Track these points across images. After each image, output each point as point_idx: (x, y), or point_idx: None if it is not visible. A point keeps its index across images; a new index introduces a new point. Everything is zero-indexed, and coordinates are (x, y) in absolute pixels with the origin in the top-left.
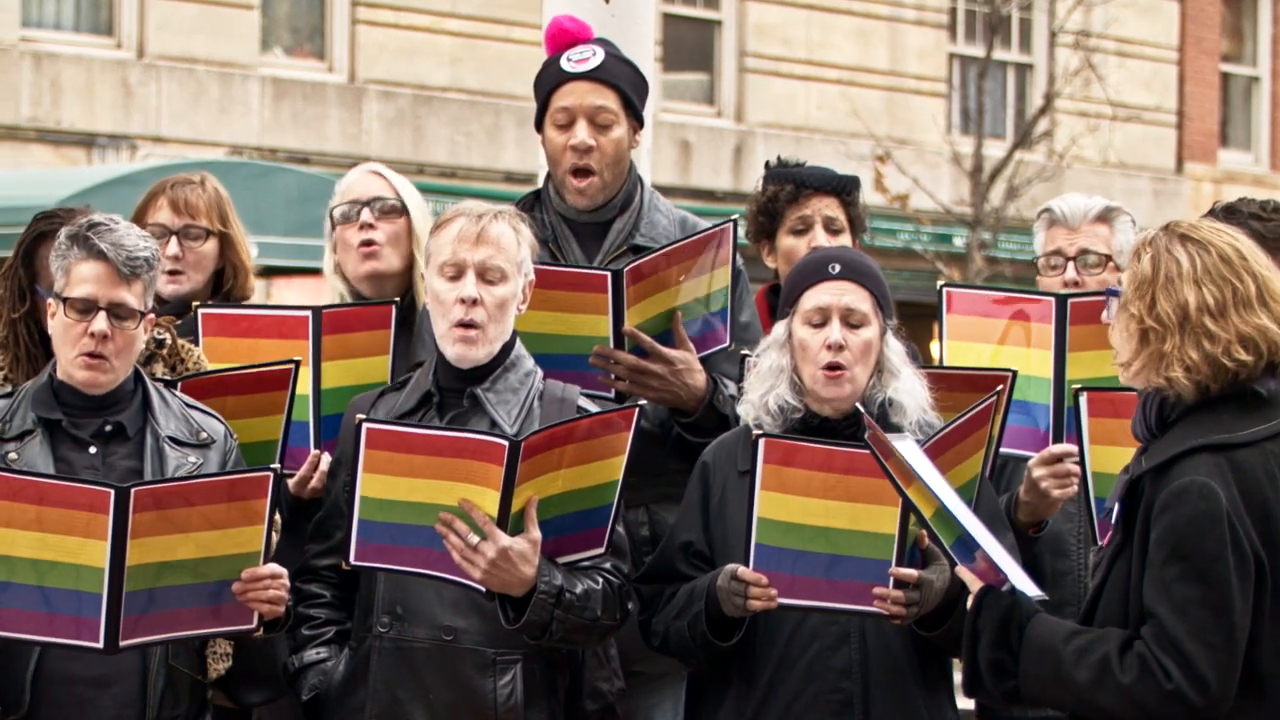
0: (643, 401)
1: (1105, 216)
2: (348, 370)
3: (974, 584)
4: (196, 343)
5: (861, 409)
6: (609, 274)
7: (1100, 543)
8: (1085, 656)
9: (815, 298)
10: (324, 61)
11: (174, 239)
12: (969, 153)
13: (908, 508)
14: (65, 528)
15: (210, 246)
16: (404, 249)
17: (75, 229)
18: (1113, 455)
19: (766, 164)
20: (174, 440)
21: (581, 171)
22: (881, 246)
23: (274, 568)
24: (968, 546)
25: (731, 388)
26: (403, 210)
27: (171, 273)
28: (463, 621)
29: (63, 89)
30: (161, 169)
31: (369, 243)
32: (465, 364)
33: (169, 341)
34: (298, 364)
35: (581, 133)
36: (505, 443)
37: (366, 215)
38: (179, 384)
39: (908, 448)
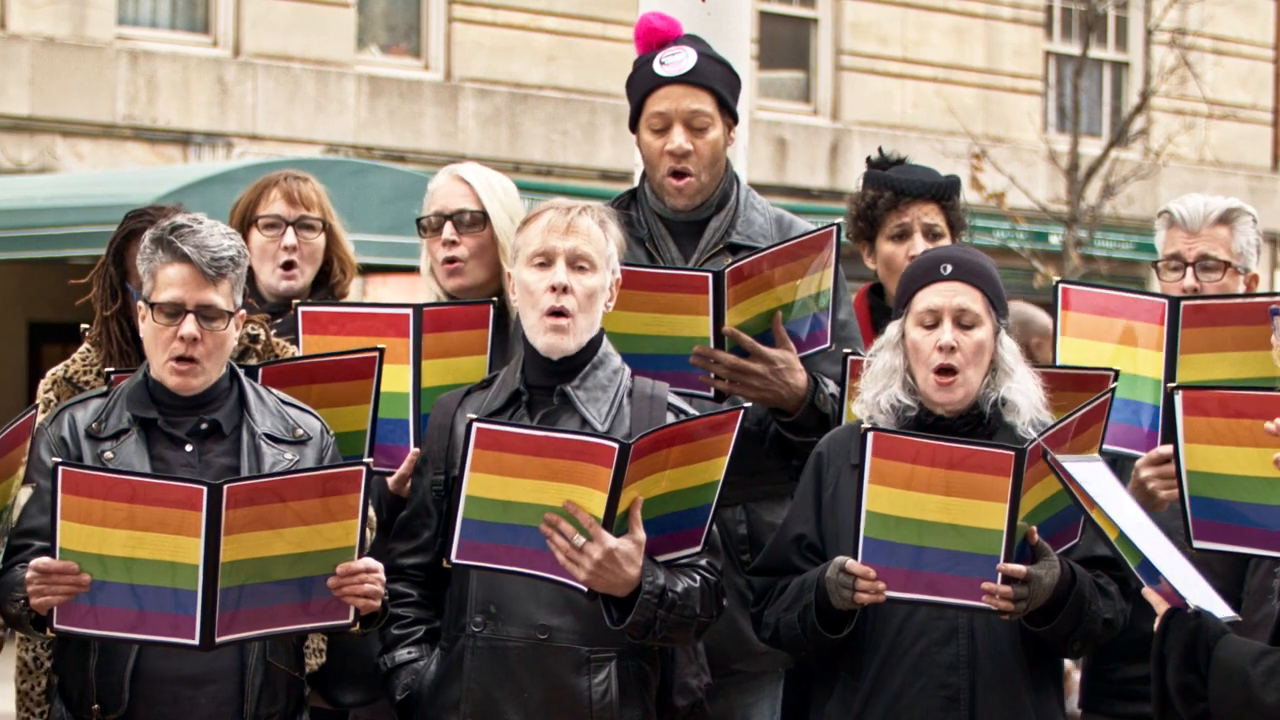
0: (747, 403)
1: (1226, 219)
2: (447, 369)
3: (1160, 605)
4: (297, 340)
5: (1037, 436)
6: (709, 275)
7: (1194, 542)
8: (1274, 677)
9: (927, 299)
10: (420, 59)
11: (290, 230)
12: (1065, 151)
13: (1088, 524)
14: (159, 525)
15: (322, 240)
16: (488, 259)
17: (159, 233)
18: (1208, 454)
19: (868, 159)
20: (270, 437)
21: (679, 173)
22: (978, 245)
23: (369, 562)
24: (1154, 568)
25: (832, 386)
26: (485, 219)
27: (286, 265)
28: (557, 620)
29: (159, 87)
30: (257, 167)
31: (452, 259)
32: (555, 354)
33: (263, 337)
34: (382, 351)
35: (678, 137)
36: (616, 445)
37: (449, 231)
38: (261, 370)
39: (1085, 471)
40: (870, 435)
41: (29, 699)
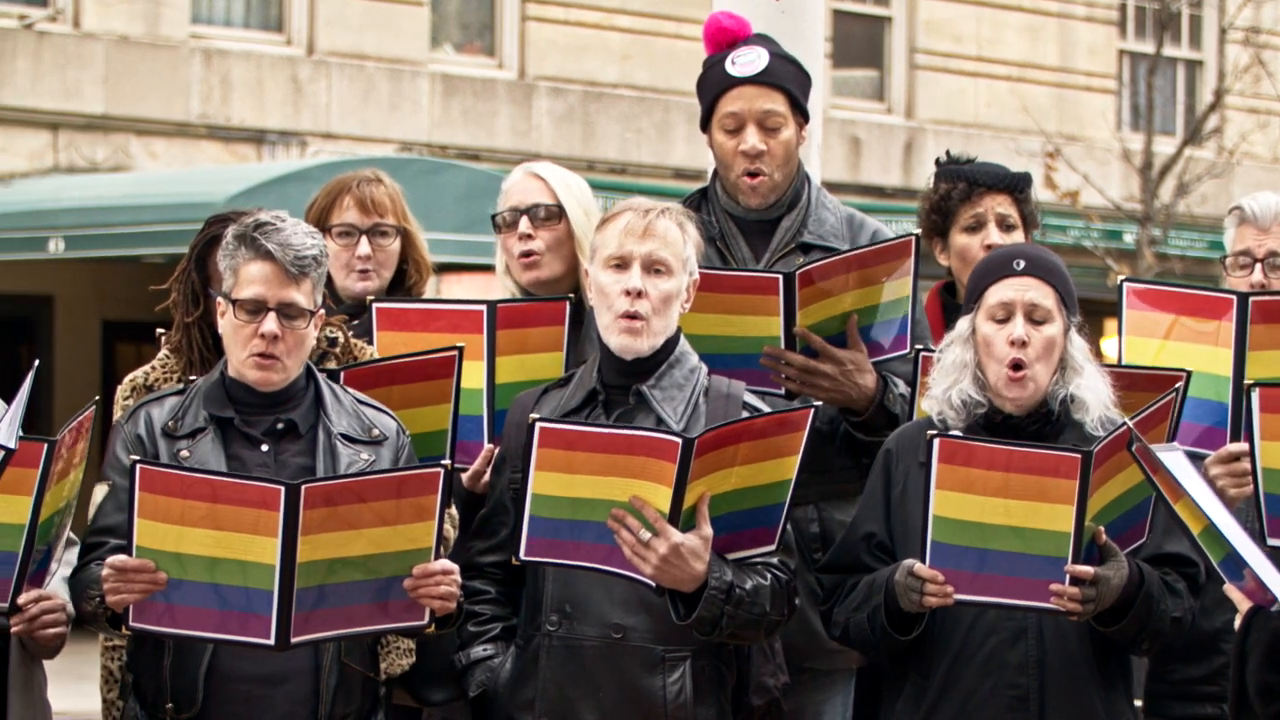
0: (818, 402)
1: None
2: (522, 365)
3: (1242, 604)
4: (371, 338)
5: (1130, 425)
6: (780, 277)
7: (1269, 539)
8: None
9: (999, 293)
10: (494, 58)
11: (364, 239)
12: (1138, 149)
13: (1175, 520)
14: (236, 525)
15: (397, 245)
16: (565, 252)
17: (242, 229)
18: None
19: (937, 161)
20: (346, 437)
21: (753, 172)
22: (1051, 243)
23: (445, 564)
24: (1237, 564)
25: (902, 386)
26: (561, 213)
27: (362, 271)
28: (632, 619)
29: (233, 86)
30: (331, 166)
31: (529, 253)
32: (629, 355)
33: (342, 340)
34: (461, 350)
35: (752, 138)
36: (679, 440)
37: (525, 225)
38: (342, 374)
39: (1175, 461)
40: (936, 441)
41: (115, 708)
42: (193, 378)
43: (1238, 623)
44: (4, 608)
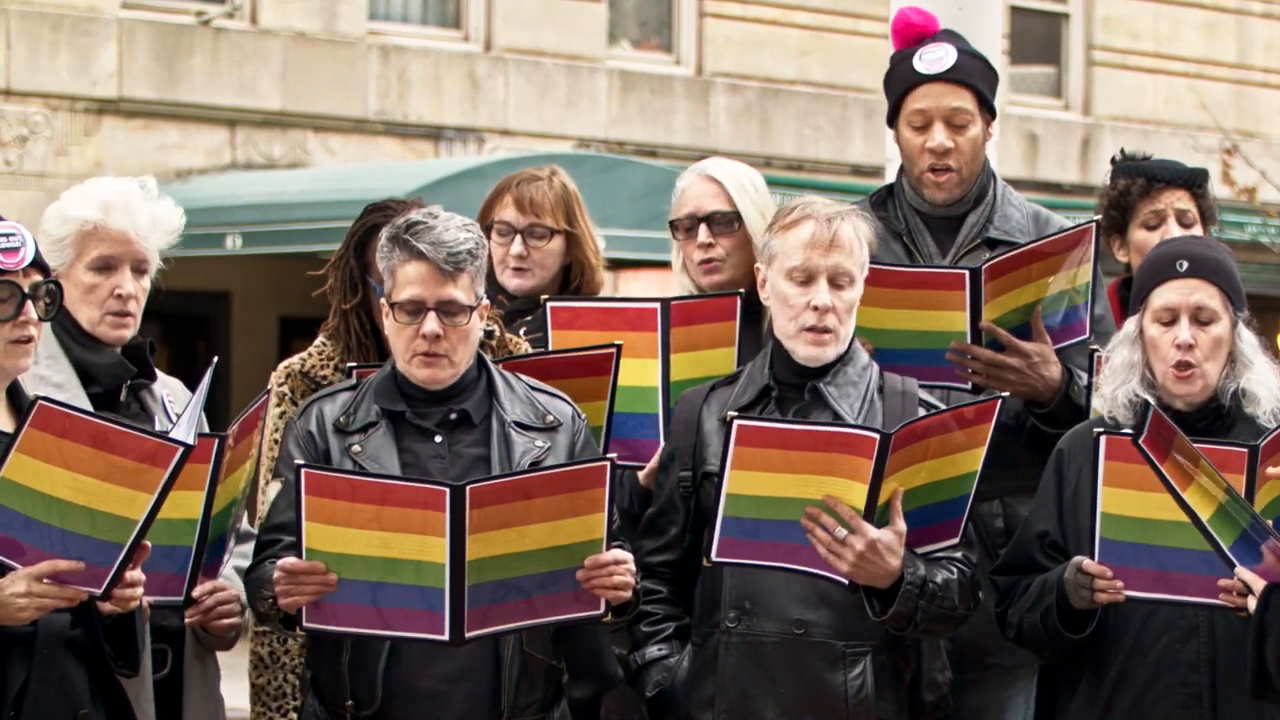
0: (1004, 394)
1: None
2: (695, 362)
3: (1257, 584)
4: (546, 336)
5: (1153, 402)
6: (967, 272)
7: None
8: None
9: (1164, 296)
10: (671, 54)
11: (519, 238)
12: None
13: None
14: (403, 526)
15: (556, 245)
16: (744, 256)
17: (394, 230)
18: None
19: (1113, 159)
20: (520, 425)
21: (940, 169)
22: (1228, 240)
23: (618, 554)
24: (1251, 544)
25: (1085, 379)
26: (738, 218)
27: (517, 269)
28: (812, 614)
29: (410, 82)
30: (509, 162)
31: (709, 260)
32: (816, 364)
33: (497, 333)
34: (619, 347)
35: (939, 135)
36: (876, 436)
37: (704, 234)
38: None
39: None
40: (1103, 439)
41: (264, 693)
42: (350, 364)
43: (1252, 604)
44: (179, 601)
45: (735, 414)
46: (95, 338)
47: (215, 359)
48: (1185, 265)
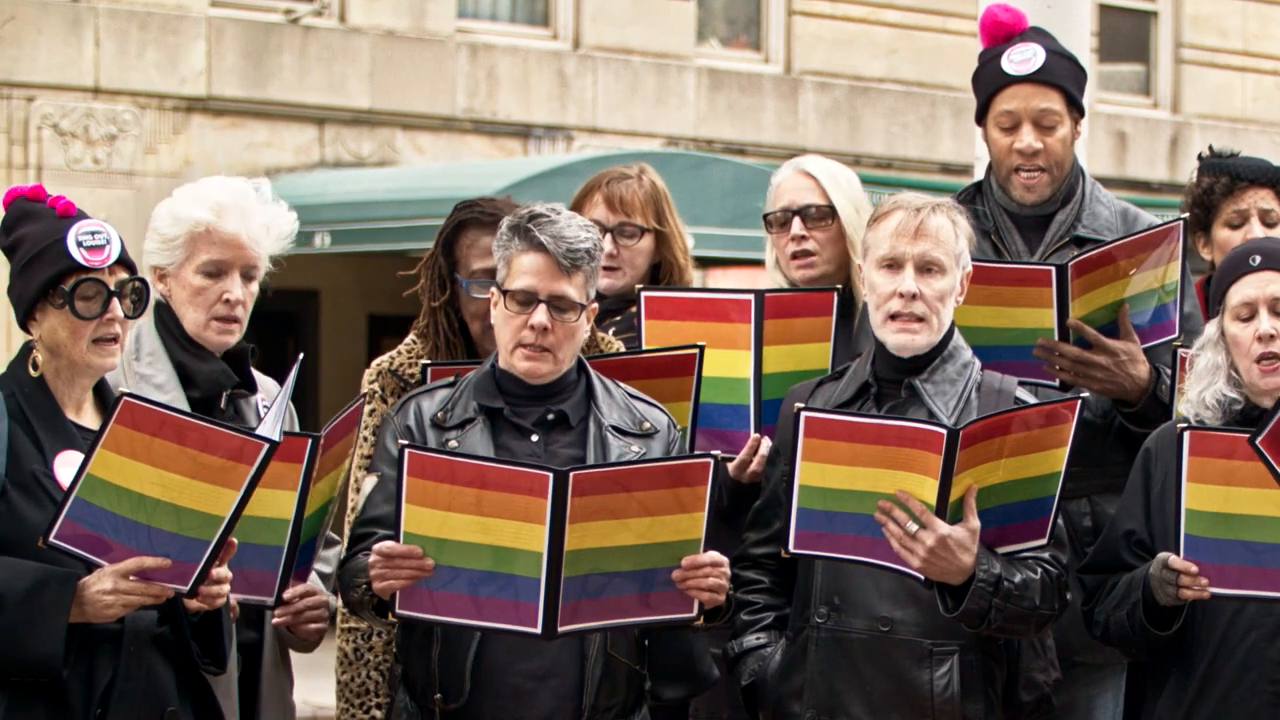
0: (1085, 393)
1: None
2: (789, 355)
3: None
4: (640, 328)
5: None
6: (1053, 269)
7: None
8: None
9: (1240, 292)
10: (760, 52)
11: (609, 236)
12: None
13: None
14: (504, 511)
15: (645, 243)
16: (838, 250)
17: (517, 220)
18: None
19: (1200, 156)
20: (617, 430)
21: (1028, 170)
22: None
23: (715, 556)
24: None
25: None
26: (832, 213)
27: (607, 268)
28: (900, 612)
29: (499, 80)
30: (597, 160)
31: (803, 253)
32: (906, 353)
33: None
34: (703, 349)
35: (1027, 136)
36: (944, 431)
37: (798, 226)
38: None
39: None
40: (1187, 434)
41: (349, 689)
42: (426, 362)
43: None
44: (270, 602)
45: (802, 405)
46: (198, 341)
47: (301, 355)
48: (1258, 260)
